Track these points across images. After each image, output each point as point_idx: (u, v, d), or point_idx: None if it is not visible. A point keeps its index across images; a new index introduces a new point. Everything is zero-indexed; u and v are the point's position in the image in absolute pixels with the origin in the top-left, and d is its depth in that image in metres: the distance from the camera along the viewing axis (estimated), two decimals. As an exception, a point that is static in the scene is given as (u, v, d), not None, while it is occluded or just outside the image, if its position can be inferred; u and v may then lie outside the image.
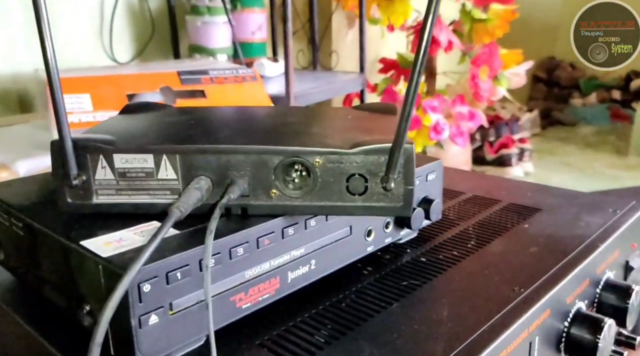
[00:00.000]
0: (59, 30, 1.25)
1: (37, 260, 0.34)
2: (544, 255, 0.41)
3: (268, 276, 0.33)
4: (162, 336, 0.28)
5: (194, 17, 1.31)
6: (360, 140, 0.32)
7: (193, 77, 0.89)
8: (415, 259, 0.42)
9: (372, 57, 1.85)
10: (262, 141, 0.32)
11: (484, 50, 1.48)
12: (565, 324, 0.39)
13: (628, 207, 0.49)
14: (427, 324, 0.33)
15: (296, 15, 1.62)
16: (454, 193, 0.56)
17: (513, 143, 2.02)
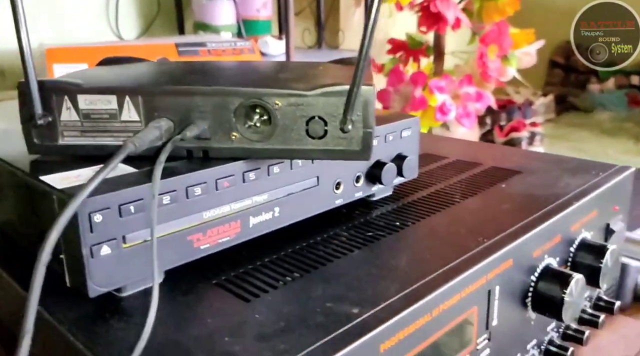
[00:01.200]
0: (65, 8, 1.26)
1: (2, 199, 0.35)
2: (515, 210, 0.41)
3: (228, 219, 0.33)
4: (115, 268, 0.29)
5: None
6: (320, 83, 0.32)
7: (191, 49, 0.90)
8: (386, 213, 0.42)
9: (381, 37, 1.84)
10: (224, 84, 0.33)
11: (493, 29, 1.45)
12: (532, 279, 0.38)
13: (611, 170, 0.48)
14: (384, 268, 0.33)
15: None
16: (438, 157, 0.55)
17: (524, 126, 2.00)
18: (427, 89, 1.52)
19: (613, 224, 0.47)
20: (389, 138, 0.42)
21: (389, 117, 0.43)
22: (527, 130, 1.98)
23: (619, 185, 0.47)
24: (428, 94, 1.52)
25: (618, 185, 0.47)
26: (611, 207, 0.47)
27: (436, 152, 0.57)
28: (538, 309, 0.39)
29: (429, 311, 0.30)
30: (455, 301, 0.32)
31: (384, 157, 0.42)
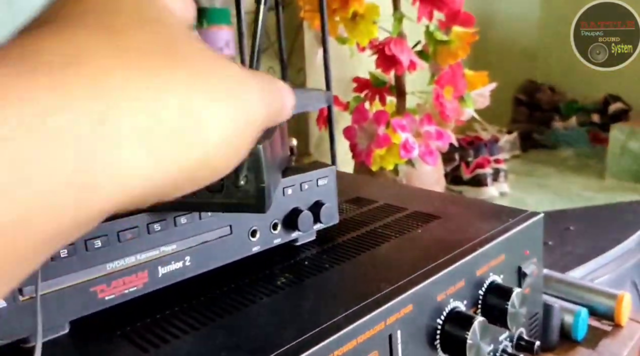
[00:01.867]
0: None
1: None
2: (423, 256, 0.43)
3: (135, 269, 0.35)
4: (13, 321, 0.30)
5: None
6: None
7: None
8: (304, 259, 0.44)
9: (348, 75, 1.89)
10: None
11: (447, 71, 1.51)
12: (439, 321, 0.40)
13: (521, 216, 0.50)
14: (286, 316, 0.35)
15: (266, 34, 1.65)
16: (369, 201, 0.58)
17: (488, 163, 2.04)
18: (390, 127, 1.56)
19: (525, 267, 0.49)
20: (305, 187, 0.44)
21: (306, 167, 0.45)
22: (490, 167, 2.02)
23: (528, 230, 0.49)
24: (391, 132, 1.56)
25: (527, 230, 0.49)
26: (522, 251, 0.49)
27: (368, 196, 0.59)
28: (447, 351, 0.41)
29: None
30: (352, 346, 0.33)
31: (301, 205, 0.44)
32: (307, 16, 1.56)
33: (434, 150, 1.62)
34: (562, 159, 2.64)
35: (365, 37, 1.44)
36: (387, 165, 1.59)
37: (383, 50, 1.41)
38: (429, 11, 1.44)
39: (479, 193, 2.03)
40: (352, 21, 1.45)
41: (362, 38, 1.45)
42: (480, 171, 2.08)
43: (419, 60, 1.45)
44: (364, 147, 1.63)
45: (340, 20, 1.48)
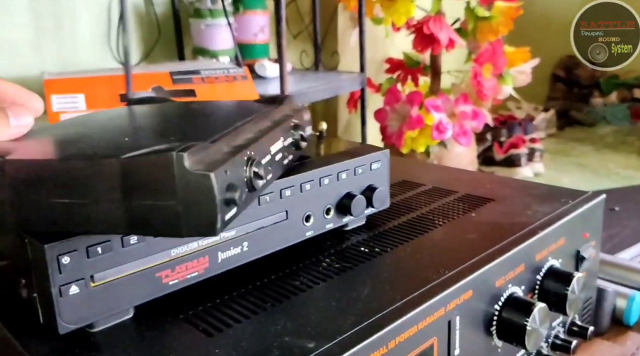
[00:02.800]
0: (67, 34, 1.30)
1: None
2: (480, 240, 0.42)
3: (196, 255, 0.35)
4: (84, 306, 0.30)
5: (197, 20, 1.35)
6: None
7: (184, 77, 0.92)
8: (355, 244, 0.43)
9: (379, 57, 1.87)
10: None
11: (487, 48, 1.48)
12: (496, 307, 0.40)
13: (581, 198, 0.49)
14: (344, 301, 0.35)
15: (300, 17, 1.64)
16: (415, 185, 0.57)
17: (523, 143, 2.00)
18: (424, 107, 1.54)
19: (583, 251, 0.48)
20: (359, 171, 0.44)
21: (359, 151, 0.45)
22: (526, 147, 1.98)
23: (588, 212, 0.48)
24: (424, 113, 1.54)
25: (587, 212, 0.48)
26: (581, 234, 0.48)
27: (414, 179, 0.58)
28: (503, 337, 0.40)
29: (385, 345, 0.31)
30: (412, 334, 0.33)
31: (354, 189, 0.44)
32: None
33: (468, 131, 1.60)
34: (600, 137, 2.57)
35: (403, 16, 1.42)
36: (418, 147, 1.58)
37: (421, 29, 1.39)
38: (470, -13, 1.40)
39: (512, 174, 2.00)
40: (390, 1, 1.43)
41: (399, 17, 1.42)
42: (514, 151, 2.04)
43: (458, 38, 1.42)
44: (395, 129, 1.62)
45: (377, 1, 1.46)
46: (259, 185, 0.31)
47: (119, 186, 0.27)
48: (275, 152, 0.36)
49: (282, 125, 0.38)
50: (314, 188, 0.41)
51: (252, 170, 0.30)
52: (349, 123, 1.92)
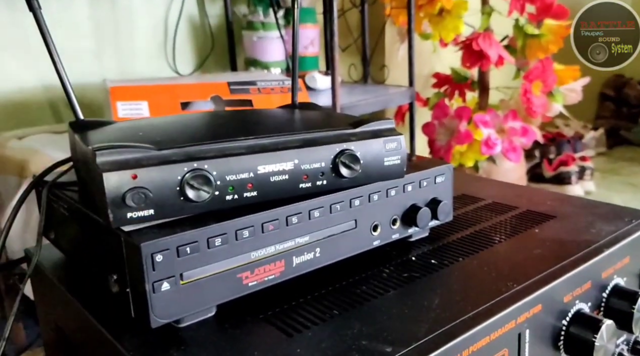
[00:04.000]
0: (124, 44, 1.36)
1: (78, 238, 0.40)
2: (546, 256, 0.42)
3: (274, 258, 0.36)
4: (174, 302, 0.32)
5: (250, 32, 1.38)
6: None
7: (241, 88, 0.95)
8: (421, 255, 0.44)
9: (426, 71, 1.87)
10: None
11: (537, 66, 1.46)
12: (564, 323, 0.40)
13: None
14: (417, 309, 0.36)
15: (349, 31, 1.66)
16: (475, 199, 0.57)
17: (573, 161, 1.96)
18: (472, 123, 1.53)
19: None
20: (424, 184, 0.45)
21: (424, 164, 0.46)
22: (576, 165, 1.95)
23: (653, 232, 0.47)
24: (473, 128, 1.53)
25: (653, 232, 0.47)
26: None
27: (473, 194, 0.59)
28: (570, 353, 0.40)
29: (459, 353, 0.32)
30: (484, 343, 0.34)
31: (419, 201, 0.45)
32: (393, 13, 1.55)
33: (517, 147, 1.58)
34: (650, 157, 2.49)
35: (451, 32, 1.42)
36: (466, 162, 1.57)
37: (470, 45, 1.39)
38: (521, 4, 1.40)
39: (563, 192, 1.96)
40: (438, 16, 1.44)
41: (447, 33, 1.43)
42: (564, 169, 2.00)
43: (507, 55, 1.42)
44: (443, 143, 1.61)
45: (425, 16, 1.47)
46: (197, 196, 0.33)
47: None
48: (269, 172, 0.36)
49: (313, 147, 0.37)
50: (381, 199, 0.42)
51: (187, 182, 0.32)
52: (395, 137, 1.92)
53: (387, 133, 0.41)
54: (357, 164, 0.39)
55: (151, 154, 0.32)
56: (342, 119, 0.45)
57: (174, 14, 1.40)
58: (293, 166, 0.37)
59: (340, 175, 0.39)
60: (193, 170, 0.33)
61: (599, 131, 2.52)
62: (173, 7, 1.39)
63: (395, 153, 0.41)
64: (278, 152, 0.36)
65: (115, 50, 1.34)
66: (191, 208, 0.33)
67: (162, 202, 0.32)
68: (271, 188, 0.36)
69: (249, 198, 0.35)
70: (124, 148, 0.32)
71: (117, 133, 0.40)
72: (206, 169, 0.33)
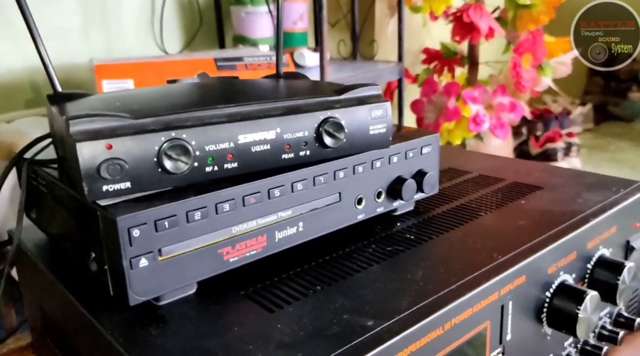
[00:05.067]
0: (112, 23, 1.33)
1: (58, 216, 0.39)
2: (531, 227, 0.42)
3: (255, 233, 0.36)
4: (152, 279, 0.32)
5: (238, 7, 1.36)
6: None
7: (228, 64, 0.93)
8: (406, 228, 0.44)
9: (416, 47, 1.85)
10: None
11: (527, 37, 1.45)
12: (548, 294, 0.40)
13: (633, 187, 0.49)
14: (400, 282, 0.35)
15: (338, 6, 1.64)
16: (462, 172, 0.57)
17: (560, 137, 1.97)
18: (461, 99, 1.53)
19: (634, 241, 0.47)
20: (409, 155, 0.44)
21: (410, 135, 0.45)
22: (563, 141, 1.95)
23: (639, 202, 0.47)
24: (461, 105, 1.52)
25: (639, 202, 0.47)
26: (631, 224, 0.47)
27: (460, 167, 0.58)
28: (553, 325, 0.40)
29: (441, 326, 0.32)
30: (467, 316, 0.34)
31: (405, 173, 0.44)
32: (382, -15, 1.53)
33: (505, 123, 1.58)
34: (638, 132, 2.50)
35: (442, 4, 1.40)
36: (454, 139, 1.56)
37: (461, 17, 1.37)
38: (511, -25, 1.38)
39: (550, 168, 1.96)
40: (429, -12, 1.42)
41: (438, 5, 1.41)
42: (550, 145, 2.00)
43: (498, 27, 1.40)
44: (431, 121, 1.60)
45: (416, -12, 1.45)
46: (175, 167, 0.32)
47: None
48: (250, 141, 0.35)
49: (296, 115, 0.36)
50: (366, 171, 0.41)
51: (164, 153, 0.31)
52: (383, 114, 1.91)
53: (373, 100, 0.40)
54: (342, 133, 0.38)
55: (127, 123, 0.31)
56: (326, 87, 0.44)
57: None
58: (275, 135, 0.36)
59: (324, 145, 0.38)
60: (171, 140, 0.32)
61: (586, 107, 2.52)
62: (160, -17, 1.36)
63: (381, 121, 0.40)
64: (259, 120, 0.35)
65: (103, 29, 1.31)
66: (169, 180, 0.32)
67: (138, 174, 0.31)
68: (252, 159, 0.35)
69: (230, 170, 0.35)
70: (99, 116, 0.31)
71: (94, 104, 0.38)
72: (184, 138, 0.32)
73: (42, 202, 0.42)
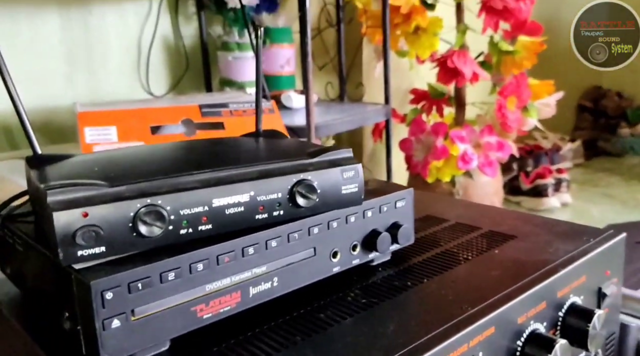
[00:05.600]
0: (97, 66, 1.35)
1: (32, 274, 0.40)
2: (502, 277, 0.43)
3: (229, 290, 0.37)
4: (125, 339, 0.32)
5: (225, 52, 1.39)
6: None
7: (213, 110, 0.95)
8: (382, 279, 0.45)
9: (404, 87, 1.89)
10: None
11: (511, 81, 1.49)
12: (519, 343, 0.40)
13: (603, 236, 0.50)
14: (371, 336, 0.36)
15: (325, 50, 1.68)
16: (440, 220, 0.58)
17: (550, 173, 1.99)
18: (449, 138, 1.55)
19: (605, 288, 0.48)
20: (384, 209, 0.45)
21: (384, 189, 0.46)
22: (553, 177, 1.97)
23: (609, 250, 0.48)
24: (449, 144, 1.55)
25: (609, 250, 0.48)
26: (602, 272, 0.48)
27: (438, 214, 0.60)
28: (526, 373, 0.41)
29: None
30: (437, 369, 0.34)
31: (380, 227, 0.45)
32: (369, 31, 1.57)
33: (493, 161, 1.60)
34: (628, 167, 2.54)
35: (427, 49, 1.45)
36: (443, 177, 1.58)
37: (445, 62, 1.41)
38: (495, 22, 1.43)
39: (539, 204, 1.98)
40: (414, 34, 1.46)
41: (423, 51, 1.45)
42: (540, 181, 2.03)
43: (482, 72, 1.44)
44: (420, 159, 1.63)
45: (402, 34, 1.49)
46: (150, 231, 0.33)
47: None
48: (224, 205, 0.36)
49: (269, 178, 0.38)
50: (340, 226, 0.43)
51: (139, 218, 0.33)
52: (374, 153, 1.94)
53: (345, 162, 0.42)
54: (314, 194, 0.39)
55: (103, 191, 0.33)
56: (301, 149, 0.46)
57: (147, 35, 1.41)
58: (249, 198, 0.37)
59: (297, 205, 0.39)
60: (146, 206, 0.33)
61: (576, 143, 2.56)
62: (147, 28, 1.40)
63: (352, 181, 0.42)
64: (233, 184, 0.37)
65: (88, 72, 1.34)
66: (144, 243, 0.34)
67: (114, 239, 0.32)
68: (227, 221, 0.37)
69: (204, 232, 0.36)
70: (76, 186, 0.32)
71: (72, 169, 0.40)
72: (160, 205, 0.34)
73: (17, 258, 0.42)
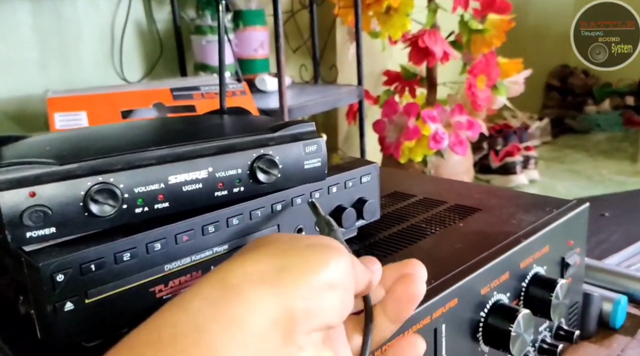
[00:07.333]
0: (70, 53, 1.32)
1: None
2: (466, 250, 0.43)
3: (190, 269, 0.36)
4: (79, 322, 0.32)
5: (199, 36, 1.37)
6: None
7: (184, 93, 0.94)
8: (346, 256, 0.45)
9: (378, 69, 1.89)
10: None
11: (481, 60, 1.50)
12: (482, 314, 0.41)
13: (565, 207, 0.50)
14: (333, 312, 0.36)
15: (299, 32, 1.67)
16: (407, 195, 0.58)
17: (518, 151, 2.02)
18: (420, 118, 1.56)
19: (568, 258, 0.49)
20: (349, 185, 0.45)
21: (350, 165, 0.46)
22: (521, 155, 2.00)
23: (572, 220, 0.49)
24: (421, 124, 1.55)
25: (572, 220, 0.49)
26: (565, 242, 0.49)
27: (406, 190, 0.60)
28: (490, 343, 0.41)
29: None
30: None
31: (345, 202, 0.45)
32: (342, 12, 1.56)
33: (464, 140, 1.61)
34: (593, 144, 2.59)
35: (399, 30, 1.44)
36: (415, 157, 1.59)
37: (416, 42, 1.41)
38: (464, 0, 1.43)
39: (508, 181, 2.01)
40: (386, 15, 1.45)
41: (395, 31, 1.45)
42: (509, 159, 2.06)
43: (452, 51, 1.44)
44: (393, 140, 1.63)
45: (374, 15, 1.48)
46: (102, 211, 0.32)
47: None
48: (181, 182, 0.35)
49: (228, 154, 0.37)
50: (304, 202, 0.42)
51: (90, 197, 0.32)
52: (348, 135, 1.94)
53: (307, 136, 0.41)
54: (275, 169, 0.39)
55: (52, 170, 0.31)
56: (263, 124, 0.45)
57: (120, 21, 1.38)
58: (207, 174, 0.37)
59: (258, 181, 0.38)
60: (97, 184, 0.32)
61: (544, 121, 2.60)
62: (119, 13, 1.37)
63: (315, 155, 0.41)
64: (190, 160, 0.36)
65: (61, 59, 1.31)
66: (97, 223, 0.33)
67: (64, 219, 0.31)
68: (184, 198, 0.36)
69: (161, 210, 0.35)
70: (22, 165, 0.31)
71: (24, 149, 0.39)
72: (112, 182, 0.33)
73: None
